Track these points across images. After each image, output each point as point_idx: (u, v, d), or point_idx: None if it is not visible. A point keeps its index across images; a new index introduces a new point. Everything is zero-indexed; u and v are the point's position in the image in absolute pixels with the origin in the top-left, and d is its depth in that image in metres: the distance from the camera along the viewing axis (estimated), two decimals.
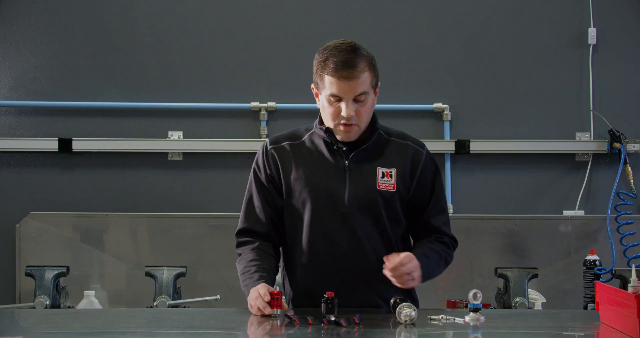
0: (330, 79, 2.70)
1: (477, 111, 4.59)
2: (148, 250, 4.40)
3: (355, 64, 2.68)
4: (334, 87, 2.70)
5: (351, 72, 2.68)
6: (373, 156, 2.82)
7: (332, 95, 2.71)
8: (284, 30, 4.56)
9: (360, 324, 2.49)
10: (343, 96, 2.70)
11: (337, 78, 2.68)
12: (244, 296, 2.73)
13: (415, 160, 2.84)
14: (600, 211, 4.51)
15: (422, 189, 2.83)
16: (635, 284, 2.41)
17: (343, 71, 2.68)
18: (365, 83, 2.71)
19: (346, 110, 2.70)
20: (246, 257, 2.82)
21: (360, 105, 2.72)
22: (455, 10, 4.58)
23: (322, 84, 2.74)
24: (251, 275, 2.74)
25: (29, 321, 2.77)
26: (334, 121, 2.75)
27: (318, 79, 2.76)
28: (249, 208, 2.88)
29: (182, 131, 4.53)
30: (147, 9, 4.55)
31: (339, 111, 2.72)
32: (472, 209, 4.49)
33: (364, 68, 2.70)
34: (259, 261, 2.78)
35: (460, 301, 3.76)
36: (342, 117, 2.72)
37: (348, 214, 2.77)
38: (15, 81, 4.51)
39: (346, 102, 2.70)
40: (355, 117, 2.72)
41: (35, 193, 4.49)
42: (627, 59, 4.59)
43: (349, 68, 2.68)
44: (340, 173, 2.79)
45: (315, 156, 2.82)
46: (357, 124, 2.74)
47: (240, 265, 2.83)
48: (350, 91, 2.69)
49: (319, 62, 2.74)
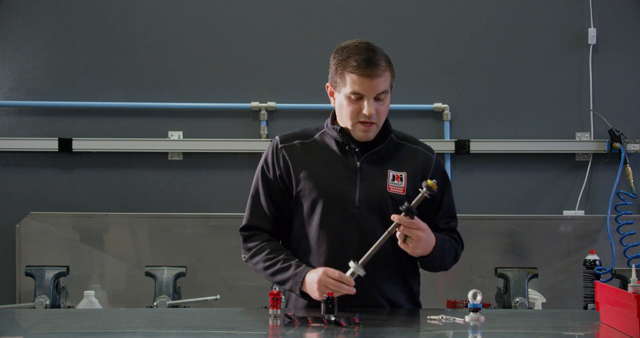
0: (352, 77, 2.71)
1: (477, 111, 4.59)
2: (148, 250, 4.40)
3: (378, 62, 2.71)
4: (356, 85, 2.71)
5: (374, 70, 2.70)
6: (385, 159, 2.82)
7: (354, 93, 2.72)
8: (284, 30, 4.56)
9: (360, 324, 2.49)
10: (365, 94, 2.71)
11: (361, 76, 2.70)
12: (244, 296, 2.73)
13: (426, 165, 2.86)
14: (600, 211, 4.51)
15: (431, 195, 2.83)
16: (635, 284, 2.41)
17: (367, 69, 2.69)
18: (386, 82, 2.73)
19: (368, 108, 2.71)
20: (265, 249, 2.81)
21: (380, 104, 2.74)
22: (456, 10, 4.59)
23: (343, 82, 2.74)
24: (287, 264, 2.75)
25: (29, 321, 2.77)
26: (353, 119, 2.76)
27: (338, 78, 2.75)
28: (255, 204, 2.88)
29: (182, 131, 4.53)
30: (147, 9, 4.55)
31: (359, 109, 2.73)
32: (472, 209, 4.49)
33: (385, 67, 2.73)
34: (284, 252, 2.81)
35: (460, 301, 3.76)
36: (363, 115, 2.73)
37: (358, 215, 2.78)
38: (15, 81, 4.52)
39: (368, 101, 2.72)
40: (375, 116, 2.73)
41: (35, 193, 4.49)
42: (627, 59, 4.59)
43: (372, 66, 2.70)
44: (351, 173, 2.80)
45: (327, 155, 2.83)
46: (376, 123, 2.75)
47: (260, 256, 2.81)
48: (372, 89, 2.71)
49: (340, 61, 2.74)
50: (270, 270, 2.78)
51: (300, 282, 2.70)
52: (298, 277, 2.72)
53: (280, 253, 2.80)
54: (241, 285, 4.32)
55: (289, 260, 2.77)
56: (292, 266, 2.75)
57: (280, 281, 2.77)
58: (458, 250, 2.89)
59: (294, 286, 2.72)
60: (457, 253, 2.89)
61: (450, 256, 2.84)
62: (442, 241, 2.78)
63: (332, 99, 2.83)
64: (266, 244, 2.83)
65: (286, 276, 2.75)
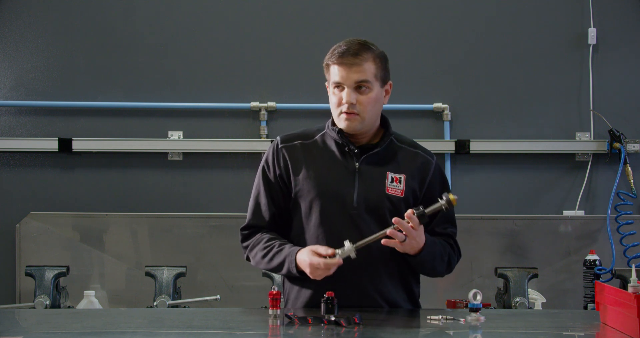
0: (333, 68, 2.77)
1: (477, 111, 4.59)
2: (148, 250, 4.40)
3: (358, 52, 2.74)
4: (336, 75, 2.76)
5: (352, 59, 2.73)
6: (383, 161, 2.83)
7: (335, 83, 2.77)
8: (283, 30, 4.57)
9: (360, 324, 2.49)
10: (343, 83, 2.75)
11: (338, 64, 2.74)
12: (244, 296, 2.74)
13: (425, 169, 2.86)
14: (600, 211, 4.51)
15: (431, 198, 2.82)
16: (635, 284, 2.41)
17: (343, 58, 2.74)
18: (367, 72, 2.75)
19: (346, 97, 2.74)
20: (262, 239, 2.83)
21: (362, 93, 2.75)
22: (456, 10, 4.59)
23: (329, 75, 2.80)
24: (281, 247, 2.77)
25: (29, 321, 2.77)
26: (336, 110, 2.79)
27: (326, 72, 2.81)
28: (256, 204, 2.89)
29: (182, 131, 4.53)
30: (147, 9, 4.55)
31: (340, 99, 2.76)
32: (472, 209, 4.49)
33: (367, 58, 2.75)
34: (280, 240, 2.82)
35: (460, 301, 3.76)
36: (344, 105, 2.75)
37: (356, 215, 2.78)
38: (15, 81, 4.52)
39: (347, 90, 2.74)
40: (357, 107, 2.75)
41: (35, 193, 4.49)
42: (627, 59, 4.59)
43: (350, 55, 2.74)
44: (350, 174, 2.80)
45: (326, 156, 2.84)
46: (358, 113, 2.76)
47: (259, 246, 2.83)
48: (349, 77, 2.74)
49: (328, 54, 2.80)
50: (267, 257, 2.80)
51: (294, 261, 2.72)
52: (291, 256, 2.74)
53: (276, 241, 2.82)
54: (241, 285, 4.32)
55: (283, 244, 2.79)
56: (284, 248, 2.77)
57: (278, 265, 2.78)
58: (452, 257, 2.87)
59: (290, 267, 2.74)
60: (451, 260, 2.87)
61: (442, 262, 2.82)
62: (433, 244, 2.77)
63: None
64: (262, 235, 2.86)
65: (281, 259, 2.77)
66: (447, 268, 2.86)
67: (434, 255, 2.78)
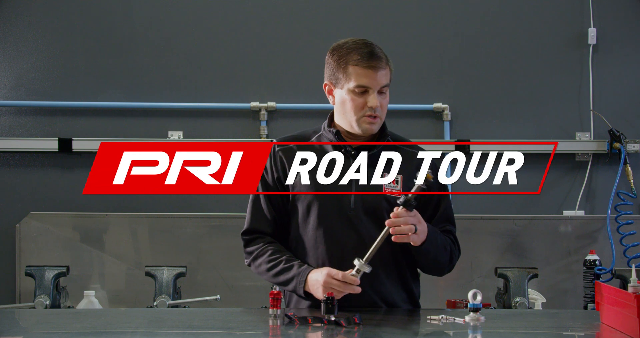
0: (357, 70, 2.73)
1: (477, 111, 4.59)
2: (148, 250, 4.40)
3: (380, 55, 2.75)
4: (362, 77, 2.73)
5: (378, 62, 2.74)
6: (380, 162, 2.82)
7: (359, 86, 2.74)
8: (283, 30, 4.57)
9: (360, 324, 2.49)
10: (371, 86, 2.74)
11: (366, 68, 2.73)
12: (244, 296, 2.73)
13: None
14: (600, 211, 4.51)
15: (430, 198, 2.82)
16: (635, 284, 2.41)
17: (371, 61, 2.73)
18: (387, 76, 2.78)
19: (374, 100, 2.73)
20: (267, 250, 2.82)
21: (383, 98, 2.77)
22: (455, 10, 4.59)
23: (346, 77, 2.75)
24: (289, 265, 2.76)
25: (29, 321, 2.77)
26: (358, 114, 2.77)
27: (340, 74, 2.77)
28: (255, 208, 2.89)
29: (182, 131, 4.53)
30: (147, 9, 4.55)
31: (363, 103, 2.75)
32: (472, 209, 4.49)
33: (386, 61, 2.77)
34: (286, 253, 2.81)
35: (460, 301, 3.76)
36: (369, 109, 2.74)
37: (353, 217, 2.78)
38: (15, 81, 4.52)
39: (373, 93, 2.74)
40: (379, 109, 2.76)
41: (35, 193, 4.49)
42: (627, 59, 4.59)
43: (376, 59, 2.74)
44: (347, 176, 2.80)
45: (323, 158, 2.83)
46: (379, 116, 2.78)
47: (264, 258, 2.81)
48: (377, 81, 2.74)
49: (341, 56, 2.76)
50: (272, 271, 2.79)
51: (303, 282, 2.71)
52: (301, 277, 2.72)
53: (283, 255, 2.80)
54: (241, 285, 4.32)
55: (291, 261, 2.78)
56: (294, 267, 2.75)
57: (283, 281, 2.77)
58: (454, 250, 2.86)
59: (297, 286, 2.72)
60: (453, 253, 2.85)
61: (444, 251, 2.81)
62: (435, 232, 2.76)
63: (331, 97, 2.84)
64: (268, 246, 2.84)
65: (289, 277, 2.75)
66: (449, 261, 2.84)
67: (436, 241, 2.76)
